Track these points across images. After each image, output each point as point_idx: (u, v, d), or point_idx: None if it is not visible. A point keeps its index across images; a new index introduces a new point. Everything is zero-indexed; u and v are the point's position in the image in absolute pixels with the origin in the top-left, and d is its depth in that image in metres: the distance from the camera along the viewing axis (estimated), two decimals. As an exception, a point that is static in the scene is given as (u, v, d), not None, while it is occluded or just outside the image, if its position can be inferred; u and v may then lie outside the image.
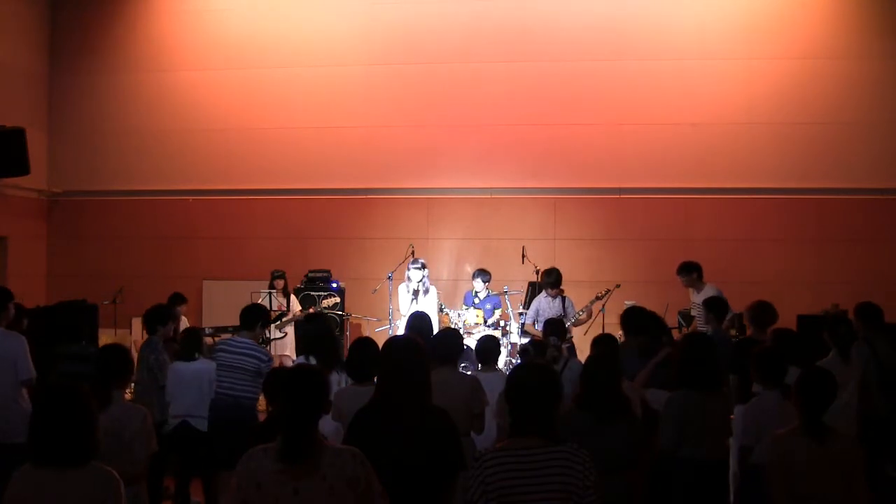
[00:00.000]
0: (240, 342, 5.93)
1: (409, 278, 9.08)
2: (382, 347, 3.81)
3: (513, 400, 3.07)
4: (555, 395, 3.06)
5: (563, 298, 8.81)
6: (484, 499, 2.90)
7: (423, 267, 9.10)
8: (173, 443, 6.07)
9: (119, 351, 4.35)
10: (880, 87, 10.61)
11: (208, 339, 8.04)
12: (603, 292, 8.76)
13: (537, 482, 2.90)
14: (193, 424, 6.05)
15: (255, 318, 6.04)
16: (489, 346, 6.03)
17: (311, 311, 9.49)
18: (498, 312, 9.45)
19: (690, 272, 8.37)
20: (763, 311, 6.12)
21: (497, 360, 6.20)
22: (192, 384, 6.08)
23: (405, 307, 8.99)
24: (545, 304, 8.80)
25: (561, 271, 8.81)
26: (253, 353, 5.88)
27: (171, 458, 6.19)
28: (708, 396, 4.53)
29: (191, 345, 6.22)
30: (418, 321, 5.94)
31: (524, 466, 2.92)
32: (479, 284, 9.43)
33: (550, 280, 8.75)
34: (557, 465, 2.92)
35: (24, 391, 5.65)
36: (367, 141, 11.34)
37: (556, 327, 6.50)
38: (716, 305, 6.70)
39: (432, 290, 9.22)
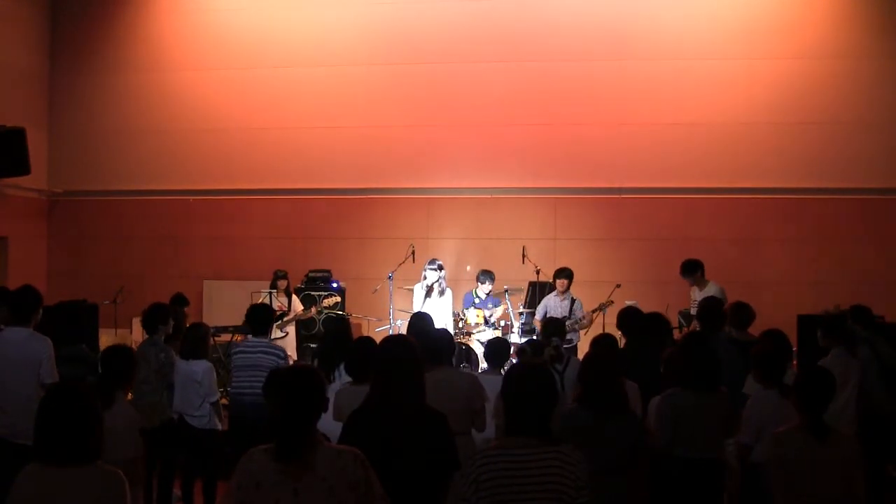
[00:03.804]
0: (256, 342, 6.14)
1: (424, 277, 9.10)
2: (377, 347, 3.81)
3: (508, 399, 3.06)
4: (550, 395, 3.04)
5: (573, 300, 8.85)
6: (475, 497, 2.88)
7: (440, 268, 9.13)
8: (176, 439, 6.08)
9: (124, 352, 4.35)
10: (880, 87, 10.60)
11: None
12: (607, 302, 8.76)
13: (530, 482, 2.88)
14: (189, 422, 6.04)
15: (267, 323, 6.30)
16: (499, 349, 6.03)
17: (334, 312, 9.58)
18: (500, 310, 9.43)
19: (694, 272, 8.38)
20: (738, 311, 6.10)
21: (505, 362, 6.15)
22: (190, 381, 6.09)
23: (418, 306, 8.97)
24: (553, 304, 8.86)
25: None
26: (270, 350, 6.05)
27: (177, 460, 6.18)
28: (704, 396, 4.53)
29: (196, 343, 6.22)
30: (419, 321, 5.95)
31: (517, 466, 2.90)
32: (487, 287, 9.40)
33: (562, 276, 8.85)
34: (551, 466, 2.91)
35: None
36: (367, 141, 11.33)
37: (556, 327, 6.49)
38: (709, 316, 6.17)
39: (448, 292, 9.21)
